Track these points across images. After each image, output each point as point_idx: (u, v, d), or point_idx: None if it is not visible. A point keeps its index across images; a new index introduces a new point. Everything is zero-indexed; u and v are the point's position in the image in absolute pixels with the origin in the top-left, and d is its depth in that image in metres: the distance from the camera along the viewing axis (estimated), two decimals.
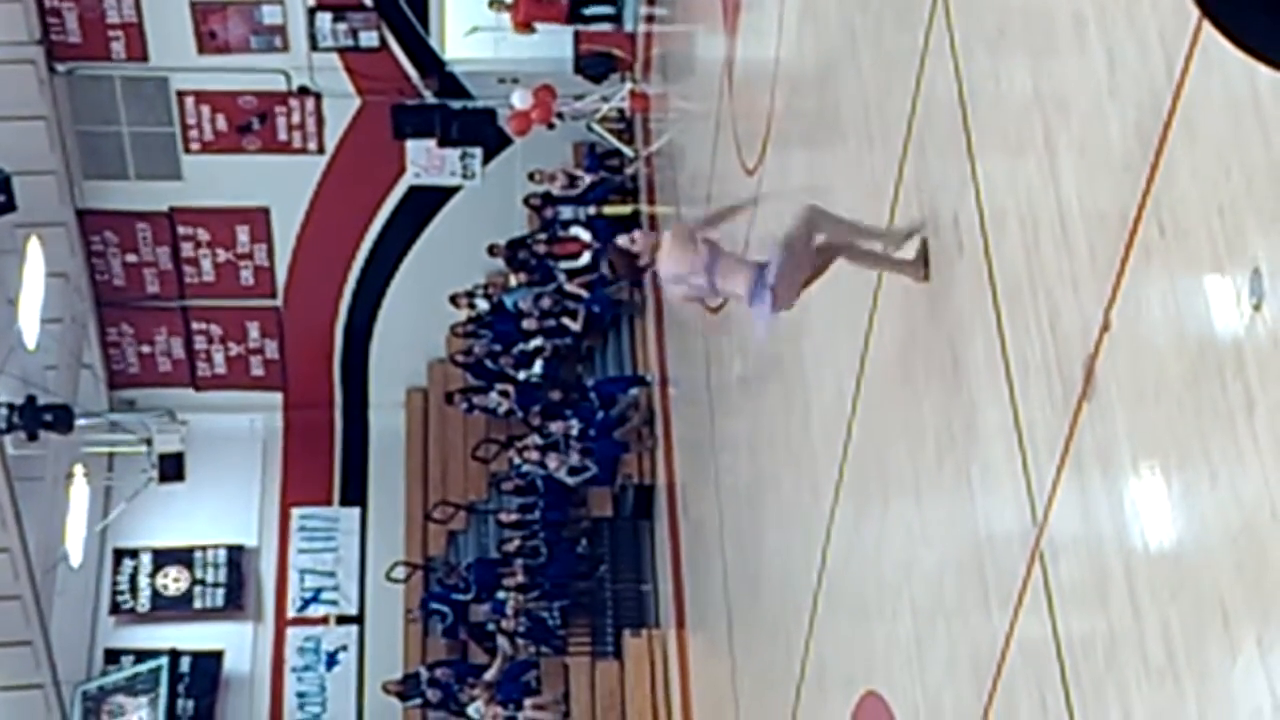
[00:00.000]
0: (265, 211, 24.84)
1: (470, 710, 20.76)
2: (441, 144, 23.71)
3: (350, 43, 23.70)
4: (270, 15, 23.58)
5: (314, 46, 23.70)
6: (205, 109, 24.05)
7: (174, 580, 24.24)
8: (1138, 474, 6.37)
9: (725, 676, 15.63)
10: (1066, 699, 6.96)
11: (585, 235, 22.56)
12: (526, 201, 23.54)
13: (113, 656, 23.71)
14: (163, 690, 21.89)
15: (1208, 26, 4.04)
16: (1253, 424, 5.43)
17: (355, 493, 25.36)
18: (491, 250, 23.52)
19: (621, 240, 9.70)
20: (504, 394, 22.75)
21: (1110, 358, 6.61)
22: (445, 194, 24.88)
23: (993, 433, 7.92)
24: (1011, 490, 7.61)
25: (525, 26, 22.54)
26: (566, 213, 22.91)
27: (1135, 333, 6.40)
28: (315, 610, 24.43)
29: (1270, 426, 5.34)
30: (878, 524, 9.89)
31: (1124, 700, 6.41)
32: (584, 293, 22.39)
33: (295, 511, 25.10)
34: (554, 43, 22.90)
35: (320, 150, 24.50)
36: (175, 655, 22.72)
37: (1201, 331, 5.83)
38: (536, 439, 21.54)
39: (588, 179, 23.04)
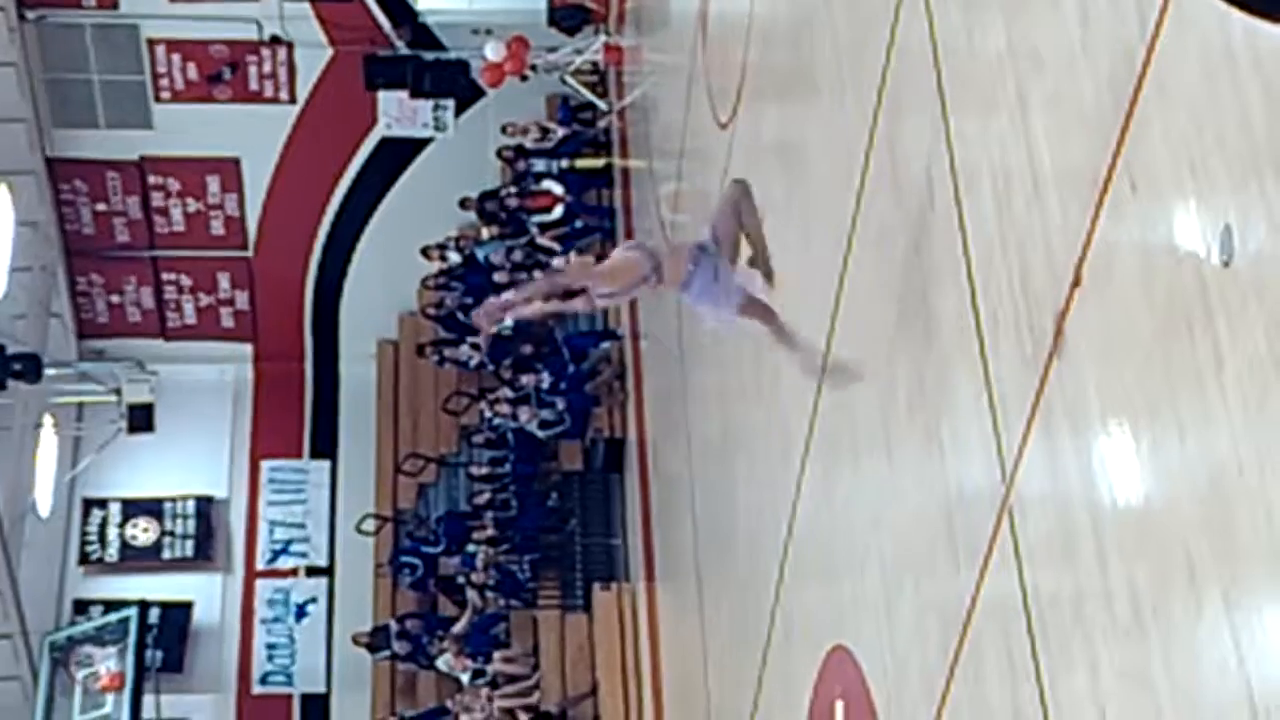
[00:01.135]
0: (236, 162, 24.72)
1: (439, 663, 20.80)
2: (414, 95, 23.60)
3: None
4: None
5: None
6: (176, 57, 23.90)
7: (143, 531, 24.20)
8: (1106, 431, 6.38)
9: (694, 631, 15.66)
10: (1033, 654, 6.98)
11: (558, 189, 22.51)
12: (499, 154, 23.46)
13: (81, 607, 23.68)
14: (131, 640, 21.85)
15: None
16: (1221, 381, 5.44)
17: (325, 445, 25.34)
18: (463, 203, 23.46)
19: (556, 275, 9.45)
20: (475, 347, 22.72)
21: (1080, 314, 6.61)
22: (417, 145, 24.78)
23: (963, 389, 7.92)
24: (981, 447, 7.62)
25: None
26: (539, 165, 22.85)
27: (1106, 289, 6.40)
28: (285, 562, 24.42)
29: (1238, 384, 5.34)
30: (848, 480, 9.90)
31: (1090, 656, 6.44)
32: (556, 246, 22.35)
33: (265, 463, 25.06)
34: None
35: (292, 100, 24.37)
36: (144, 606, 22.68)
37: (1171, 288, 5.83)
38: (507, 392, 21.53)
39: (560, 132, 22.97)
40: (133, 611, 22.26)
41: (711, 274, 8.86)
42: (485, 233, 23.33)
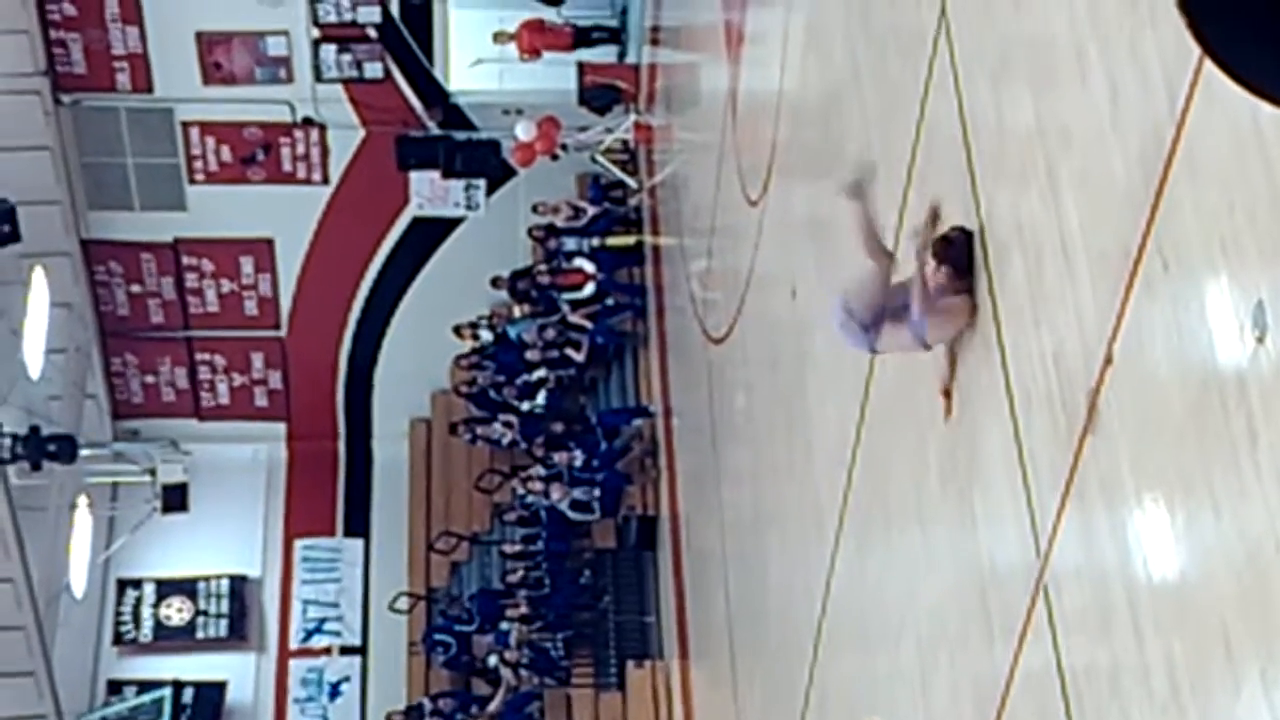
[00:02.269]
0: (269, 242, 24.88)
1: None
2: (445, 175, 23.75)
3: (355, 74, 23.76)
4: (275, 47, 23.66)
5: (318, 78, 23.76)
6: (210, 140, 24.11)
7: (177, 610, 24.22)
8: (1141, 506, 6.38)
9: (729, 707, 15.60)
10: None
11: (589, 266, 22.59)
12: (530, 233, 23.59)
13: (115, 687, 23.67)
14: None
15: (1209, 62, 4.05)
16: (1255, 456, 5.44)
17: (358, 523, 25.35)
18: (495, 282, 23.55)
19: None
20: (507, 425, 22.76)
21: (1113, 390, 6.62)
22: (449, 225, 24.92)
23: (996, 464, 7.92)
24: (1015, 521, 7.61)
25: (532, 52, 22.63)
26: (570, 244, 22.95)
27: (1138, 365, 6.41)
28: (318, 641, 24.39)
29: (1273, 459, 5.34)
30: (881, 555, 9.89)
31: None
32: (588, 324, 22.42)
33: (298, 542, 25.08)
34: (558, 74, 22.96)
35: (325, 181, 24.54)
36: (178, 686, 22.68)
37: (1205, 364, 5.84)
38: (540, 470, 21.55)
39: (591, 210, 23.09)
40: (167, 692, 22.28)
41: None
42: (517, 311, 23.42)
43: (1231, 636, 5.58)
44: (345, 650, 24.34)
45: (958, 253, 8.19)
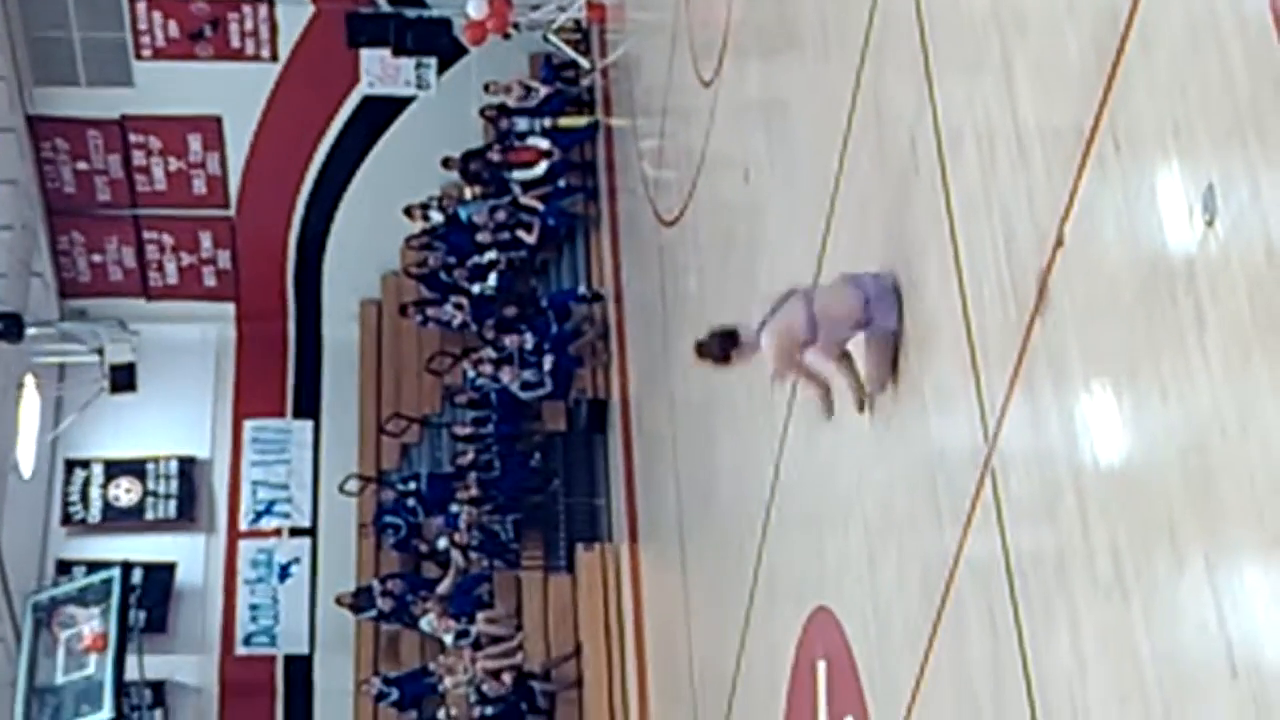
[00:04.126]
0: (218, 120, 24.62)
1: (423, 624, 20.81)
2: (396, 53, 23.50)
3: None
4: None
5: None
6: (157, 15, 23.77)
7: (126, 491, 24.17)
8: (1089, 390, 6.38)
9: (678, 591, 15.68)
10: (1015, 614, 6.99)
11: (543, 144, 22.41)
12: (482, 113, 23.36)
13: (64, 567, 23.66)
14: (114, 601, 21.83)
15: None
16: (1203, 340, 5.43)
17: (308, 405, 25.30)
18: (446, 162, 23.36)
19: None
20: (458, 307, 22.67)
21: (1063, 273, 6.60)
22: (399, 104, 24.69)
23: (945, 348, 7.91)
24: (964, 405, 7.61)
25: None
26: (522, 124, 22.76)
27: (1089, 248, 6.39)
28: (268, 523, 24.41)
29: (1220, 343, 5.33)
30: (830, 440, 9.90)
31: (1072, 615, 6.44)
32: (539, 205, 22.28)
33: (248, 423, 25.03)
34: None
35: (274, 58, 24.26)
36: (127, 566, 22.67)
37: (1154, 248, 5.82)
38: (490, 352, 21.50)
39: (543, 90, 22.88)
40: (116, 572, 22.25)
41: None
42: (468, 192, 23.25)
43: (1176, 521, 5.60)
44: (295, 532, 24.37)
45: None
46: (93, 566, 23.13)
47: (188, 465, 24.41)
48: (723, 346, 8.82)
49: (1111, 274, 6.15)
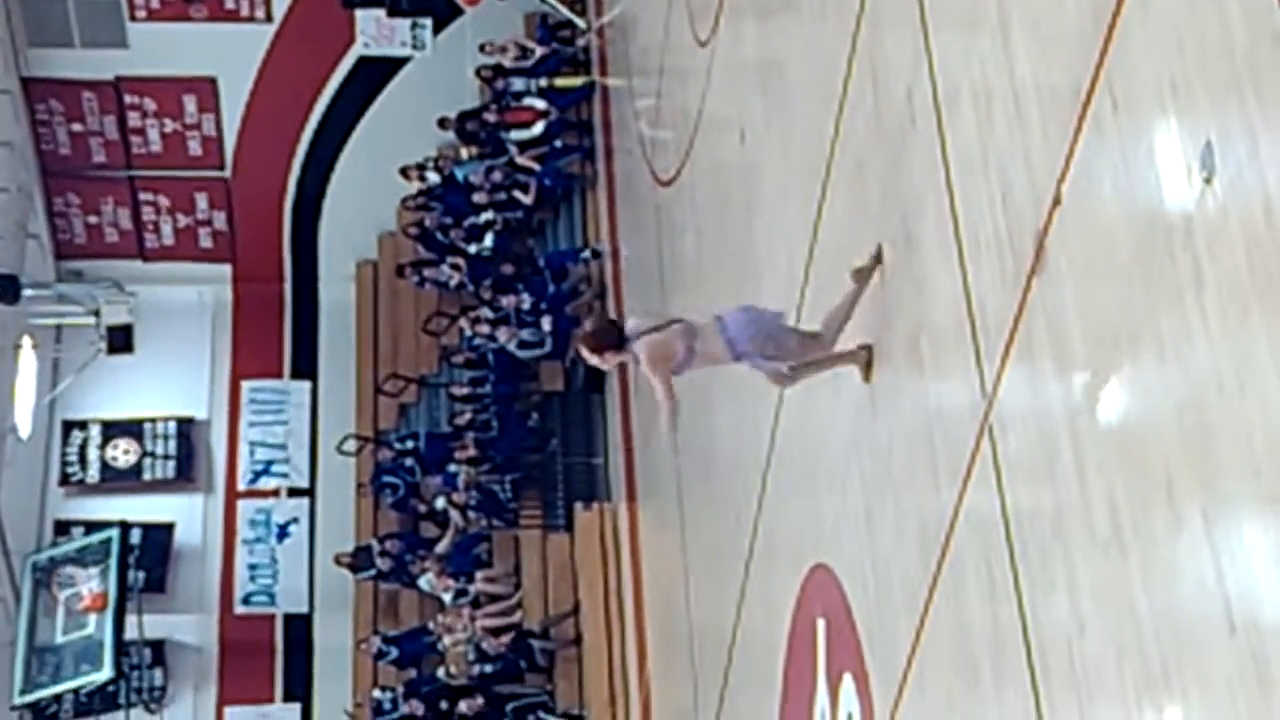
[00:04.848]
0: (213, 81, 24.55)
1: (421, 582, 20.86)
2: (391, 13, 23.43)
3: None
4: None
5: None
6: None
7: (124, 452, 24.20)
8: (1086, 348, 6.40)
9: (675, 550, 15.73)
10: (1013, 570, 7.02)
11: (540, 104, 22.37)
12: (478, 73, 23.31)
13: (63, 528, 23.70)
14: (113, 561, 21.89)
15: None
16: (1201, 298, 5.45)
17: (305, 365, 25.31)
18: (442, 123, 23.33)
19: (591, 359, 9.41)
20: (455, 267, 22.66)
21: (1061, 232, 6.62)
22: (395, 65, 24.63)
23: (943, 307, 7.93)
24: (962, 363, 7.63)
25: None
26: (518, 84, 22.71)
27: (1086, 207, 6.40)
28: (266, 483, 24.44)
29: (1218, 301, 5.35)
30: (828, 397, 9.92)
31: (1069, 572, 6.48)
32: (535, 166, 22.26)
33: (245, 384, 25.04)
34: None
35: (268, 19, 24.19)
36: (126, 527, 22.70)
37: (1152, 206, 5.83)
38: (487, 312, 21.50)
39: (539, 51, 22.83)
40: (114, 532, 22.29)
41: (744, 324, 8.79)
42: (464, 153, 23.22)
43: (1174, 477, 5.62)
44: (293, 492, 24.40)
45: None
46: (91, 527, 23.17)
47: (185, 426, 24.43)
48: (611, 339, 8.96)
49: (1109, 232, 6.16)
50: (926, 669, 8.23)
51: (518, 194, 22.33)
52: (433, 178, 23.42)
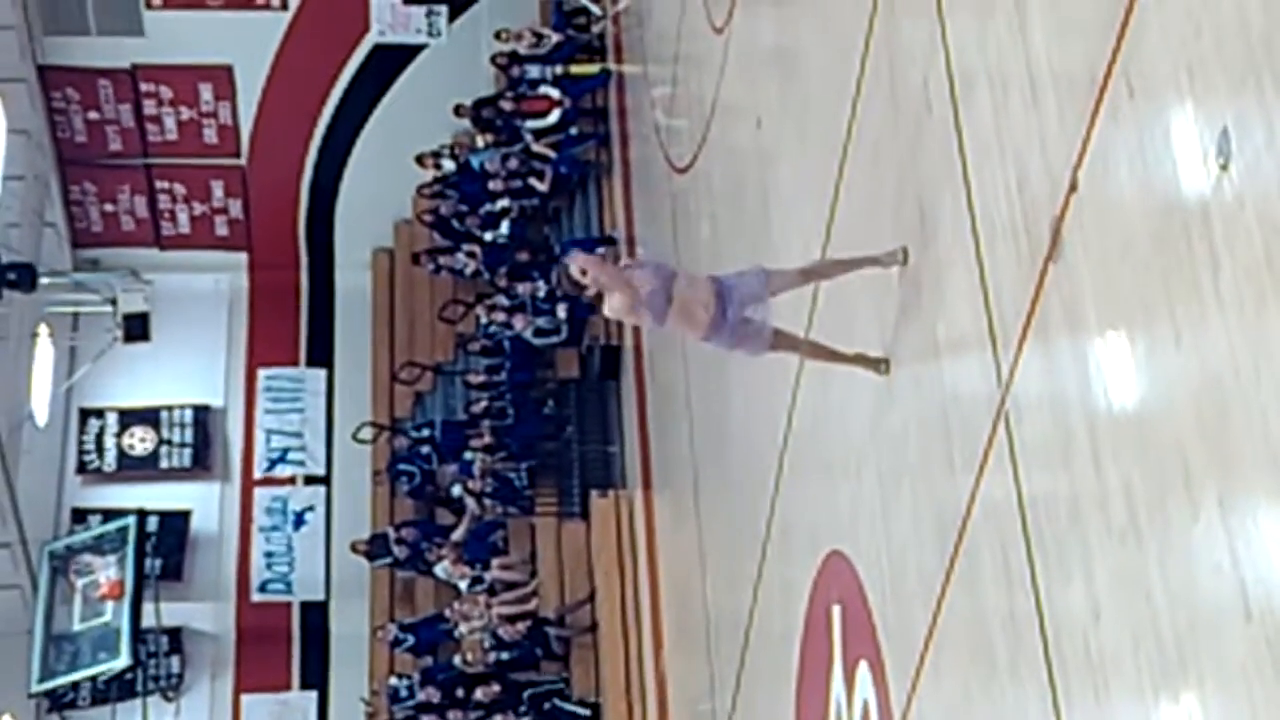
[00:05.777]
0: (228, 69, 24.57)
1: (438, 570, 20.89)
2: (406, 1, 23.42)
3: None
4: None
5: None
6: None
7: (140, 440, 24.24)
8: (1102, 335, 6.38)
9: (691, 537, 15.72)
10: (1029, 558, 7.01)
11: (555, 93, 22.36)
12: (493, 60, 23.30)
13: (80, 516, 23.74)
14: (130, 549, 21.93)
15: None
16: (1217, 284, 5.43)
17: (321, 353, 25.33)
18: (458, 110, 23.32)
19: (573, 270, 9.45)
20: (470, 254, 22.67)
21: (1077, 217, 6.60)
22: (410, 52, 24.63)
23: (960, 293, 7.91)
24: (977, 350, 7.62)
25: None
26: (534, 72, 22.70)
27: (1102, 193, 6.38)
28: (282, 470, 24.48)
29: (1235, 287, 5.33)
30: (843, 385, 9.91)
31: (1086, 559, 6.46)
32: (551, 153, 22.25)
33: (261, 372, 25.08)
34: None
35: (284, 6, 24.20)
36: (142, 515, 22.75)
37: (1168, 192, 5.81)
38: (503, 299, 21.50)
39: (555, 37, 22.81)
40: (131, 520, 22.33)
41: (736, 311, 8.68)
42: (480, 140, 23.22)
43: (1191, 465, 5.61)
44: (309, 480, 24.44)
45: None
46: (108, 515, 23.21)
47: (202, 414, 24.47)
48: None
49: (1125, 219, 6.14)
50: (942, 657, 8.22)
51: (533, 181, 22.32)
52: (448, 165, 23.42)
